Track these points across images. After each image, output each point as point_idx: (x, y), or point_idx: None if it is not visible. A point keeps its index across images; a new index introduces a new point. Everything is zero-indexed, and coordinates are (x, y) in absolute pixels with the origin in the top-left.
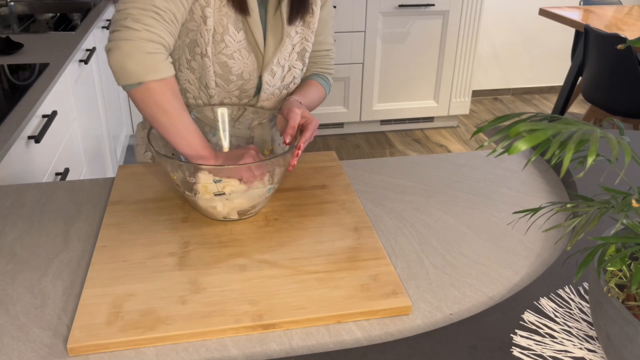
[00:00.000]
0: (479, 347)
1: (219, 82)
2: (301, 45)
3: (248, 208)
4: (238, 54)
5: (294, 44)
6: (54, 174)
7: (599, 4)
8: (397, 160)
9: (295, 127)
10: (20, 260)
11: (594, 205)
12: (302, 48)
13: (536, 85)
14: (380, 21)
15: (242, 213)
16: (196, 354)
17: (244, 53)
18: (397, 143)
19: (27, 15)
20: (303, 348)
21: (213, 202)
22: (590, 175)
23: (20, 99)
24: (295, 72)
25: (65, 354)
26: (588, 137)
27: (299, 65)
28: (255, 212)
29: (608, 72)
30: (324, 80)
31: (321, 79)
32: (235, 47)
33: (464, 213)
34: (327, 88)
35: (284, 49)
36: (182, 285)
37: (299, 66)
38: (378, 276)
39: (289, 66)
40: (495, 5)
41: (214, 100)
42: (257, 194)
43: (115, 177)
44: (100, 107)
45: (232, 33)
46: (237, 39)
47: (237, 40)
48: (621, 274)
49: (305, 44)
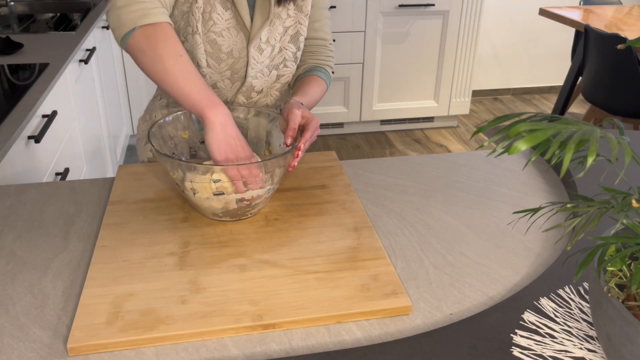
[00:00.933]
0: (479, 347)
1: (210, 61)
2: (295, 29)
3: (244, 206)
4: (227, 32)
5: (287, 26)
6: (54, 174)
7: (599, 4)
8: (397, 160)
9: (295, 128)
10: (20, 260)
11: (594, 205)
12: (296, 31)
13: (536, 85)
14: (380, 21)
15: (241, 213)
16: (196, 354)
17: (233, 31)
18: (397, 143)
19: (27, 15)
20: (303, 348)
21: (212, 202)
22: (590, 175)
23: (20, 99)
24: (287, 54)
25: (65, 354)
26: (588, 137)
27: (292, 48)
28: (256, 212)
29: (608, 72)
30: (324, 73)
31: (321, 72)
32: (223, 25)
33: (464, 213)
34: (328, 80)
35: (274, 29)
36: (182, 285)
37: (291, 49)
38: (378, 276)
39: (280, 47)
40: (495, 5)
41: (207, 82)
42: (255, 193)
43: (115, 177)
44: (100, 107)
45: (220, 11)
46: (225, 17)
47: (224, 18)
48: (621, 274)
49: (299, 27)
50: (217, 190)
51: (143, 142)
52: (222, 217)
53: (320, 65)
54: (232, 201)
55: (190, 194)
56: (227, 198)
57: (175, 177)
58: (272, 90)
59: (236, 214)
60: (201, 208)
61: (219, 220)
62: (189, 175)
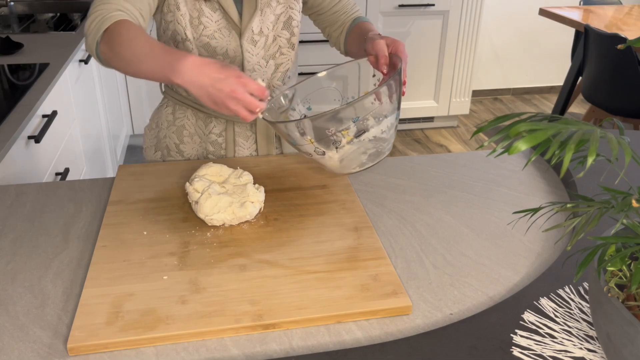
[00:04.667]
0: (479, 347)
1: None
2: (286, 15)
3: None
4: (219, 33)
5: (278, 14)
6: (54, 174)
7: (599, 4)
8: (397, 160)
9: (386, 55)
10: (20, 260)
11: (594, 205)
12: (288, 17)
13: (536, 85)
14: (380, 21)
15: (378, 152)
16: (196, 354)
17: (225, 31)
18: (397, 143)
19: (27, 15)
20: (303, 348)
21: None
22: (590, 175)
23: (20, 99)
24: (282, 41)
25: (65, 354)
26: (588, 137)
27: (286, 34)
28: (388, 151)
29: (608, 72)
30: (364, 18)
31: (361, 18)
32: (214, 27)
33: (464, 213)
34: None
35: (266, 19)
36: (182, 285)
37: (285, 35)
38: (378, 276)
39: (274, 36)
40: (495, 5)
41: None
42: (387, 123)
43: (115, 177)
44: (100, 107)
45: (209, 14)
46: (215, 19)
47: (214, 20)
48: (621, 274)
49: (290, 12)
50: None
51: (152, 150)
52: (367, 163)
53: (358, 16)
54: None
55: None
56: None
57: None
58: (274, 80)
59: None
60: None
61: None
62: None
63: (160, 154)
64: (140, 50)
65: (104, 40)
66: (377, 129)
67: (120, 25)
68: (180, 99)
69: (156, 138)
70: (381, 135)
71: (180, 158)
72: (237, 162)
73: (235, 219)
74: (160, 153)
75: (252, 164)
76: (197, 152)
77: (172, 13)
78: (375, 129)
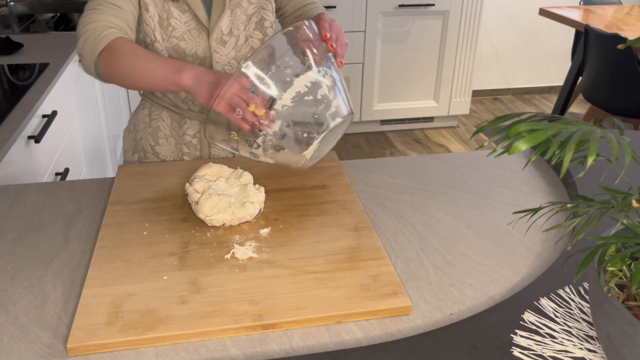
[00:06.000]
0: (479, 347)
1: None
2: (258, 15)
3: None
4: (188, 34)
5: (250, 14)
6: (54, 174)
7: (599, 4)
8: (397, 160)
9: (324, 22)
10: (20, 260)
11: (594, 205)
12: (260, 17)
13: (536, 85)
14: (380, 21)
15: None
16: (196, 354)
17: (194, 33)
18: (397, 143)
19: (27, 15)
20: (303, 348)
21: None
22: (590, 175)
23: (20, 99)
24: (254, 42)
25: (65, 354)
26: (588, 137)
27: (258, 35)
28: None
29: (608, 72)
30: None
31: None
32: (183, 29)
33: (464, 213)
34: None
35: (236, 19)
36: (182, 286)
37: (257, 36)
38: (378, 276)
39: (246, 36)
40: (495, 5)
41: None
42: (304, 81)
43: (115, 177)
44: (100, 107)
45: (177, 15)
46: (183, 20)
47: (183, 21)
48: (621, 274)
49: (262, 13)
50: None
51: (130, 152)
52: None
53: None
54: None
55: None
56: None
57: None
58: None
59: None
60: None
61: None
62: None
63: (137, 156)
64: (143, 62)
65: (101, 60)
66: (290, 92)
67: (117, 44)
68: (156, 101)
69: (134, 140)
70: (306, 99)
71: (156, 160)
72: (238, 162)
73: (235, 220)
74: (138, 155)
75: (253, 164)
76: (172, 154)
77: (142, 15)
78: (288, 93)
